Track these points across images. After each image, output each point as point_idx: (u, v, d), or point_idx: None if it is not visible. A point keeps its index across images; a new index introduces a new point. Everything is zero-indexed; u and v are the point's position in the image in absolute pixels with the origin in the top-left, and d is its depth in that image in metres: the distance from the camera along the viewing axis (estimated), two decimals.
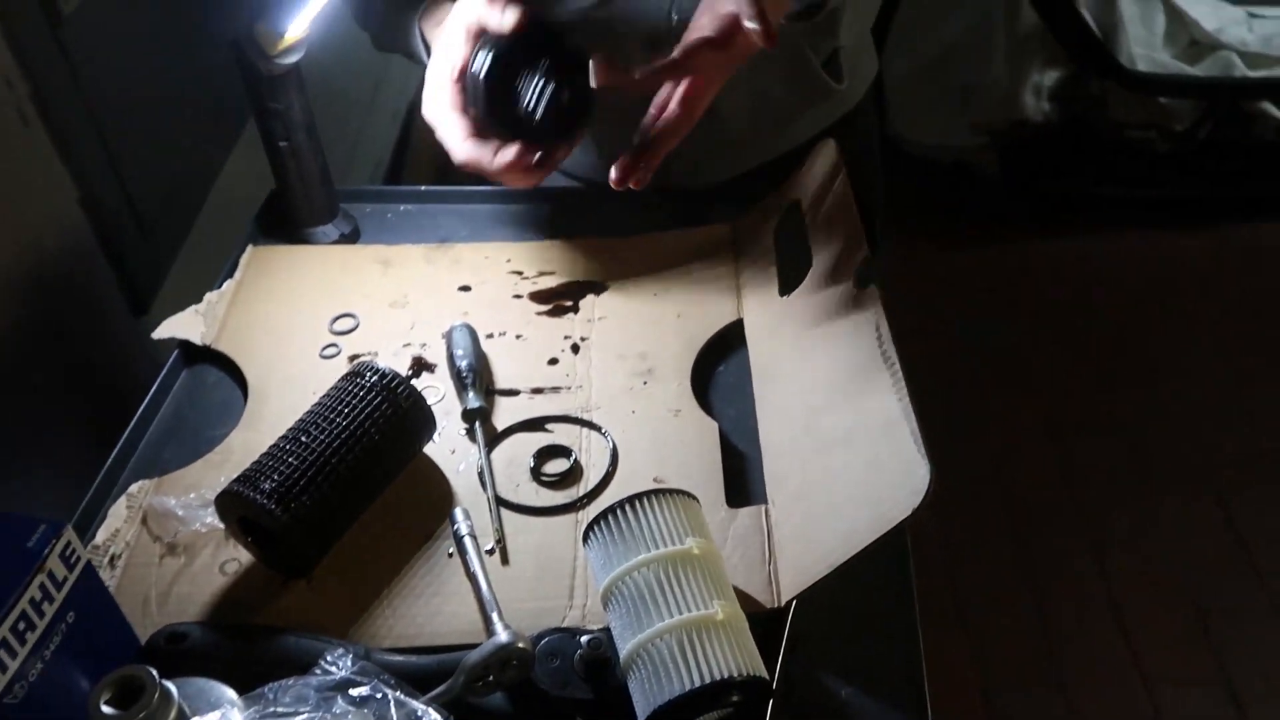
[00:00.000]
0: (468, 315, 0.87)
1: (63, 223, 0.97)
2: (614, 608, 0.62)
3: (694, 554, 0.61)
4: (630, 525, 0.63)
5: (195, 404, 0.83)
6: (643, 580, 0.61)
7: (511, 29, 0.77)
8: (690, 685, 0.56)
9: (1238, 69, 2.50)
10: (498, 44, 0.78)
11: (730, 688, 0.57)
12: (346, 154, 1.86)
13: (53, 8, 0.95)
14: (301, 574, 0.69)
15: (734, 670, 0.57)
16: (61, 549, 0.56)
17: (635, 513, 0.63)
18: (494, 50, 0.77)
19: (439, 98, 0.81)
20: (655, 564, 0.61)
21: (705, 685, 0.56)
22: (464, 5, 0.81)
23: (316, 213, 0.96)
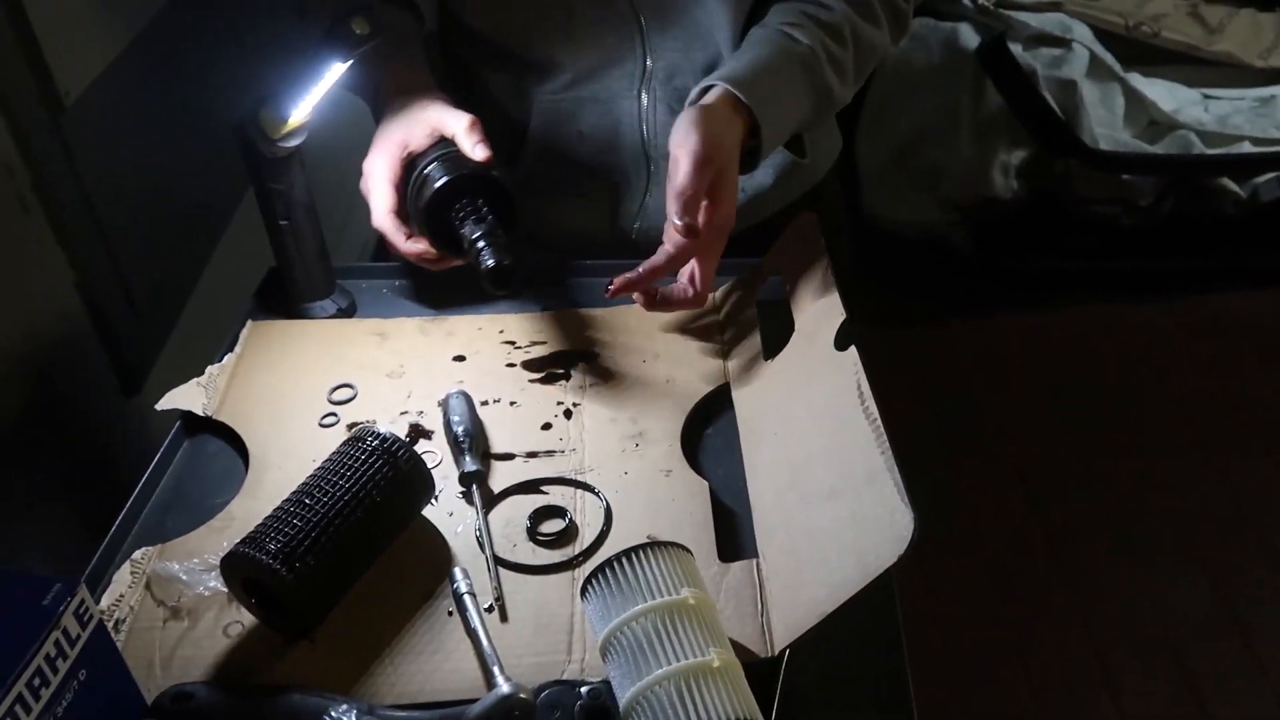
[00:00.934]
0: (463, 384, 0.90)
1: (59, 306, 0.99)
2: (612, 658, 0.64)
3: (689, 604, 0.63)
4: (627, 577, 0.65)
5: (197, 473, 0.85)
6: (640, 630, 0.63)
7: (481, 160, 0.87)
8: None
9: (1195, 147, 2.59)
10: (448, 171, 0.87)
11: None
12: (335, 235, 1.90)
13: (54, 98, 0.98)
14: (304, 634, 0.70)
15: (731, 715, 0.58)
16: (76, 607, 0.57)
17: (631, 565, 0.65)
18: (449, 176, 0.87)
19: (381, 164, 0.90)
20: (652, 614, 0.63)
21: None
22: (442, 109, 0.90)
23: (315, 288, 0.99)
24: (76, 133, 1.01)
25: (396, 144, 0.90)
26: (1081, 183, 2.60)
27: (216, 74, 1.31)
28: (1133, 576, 2.07)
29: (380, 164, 0.90)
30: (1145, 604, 2.01)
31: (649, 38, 0.99)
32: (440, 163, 0.88)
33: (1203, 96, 2.77)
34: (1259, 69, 2.79)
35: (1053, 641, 1.95)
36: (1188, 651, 1.92)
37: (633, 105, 1.02)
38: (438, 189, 0.86)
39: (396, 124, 0.91)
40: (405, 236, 0.90)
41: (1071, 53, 2.70)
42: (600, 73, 1.01)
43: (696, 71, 1.00)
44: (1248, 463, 2.29)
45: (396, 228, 0.90)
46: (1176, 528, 2.16)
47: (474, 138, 0.87)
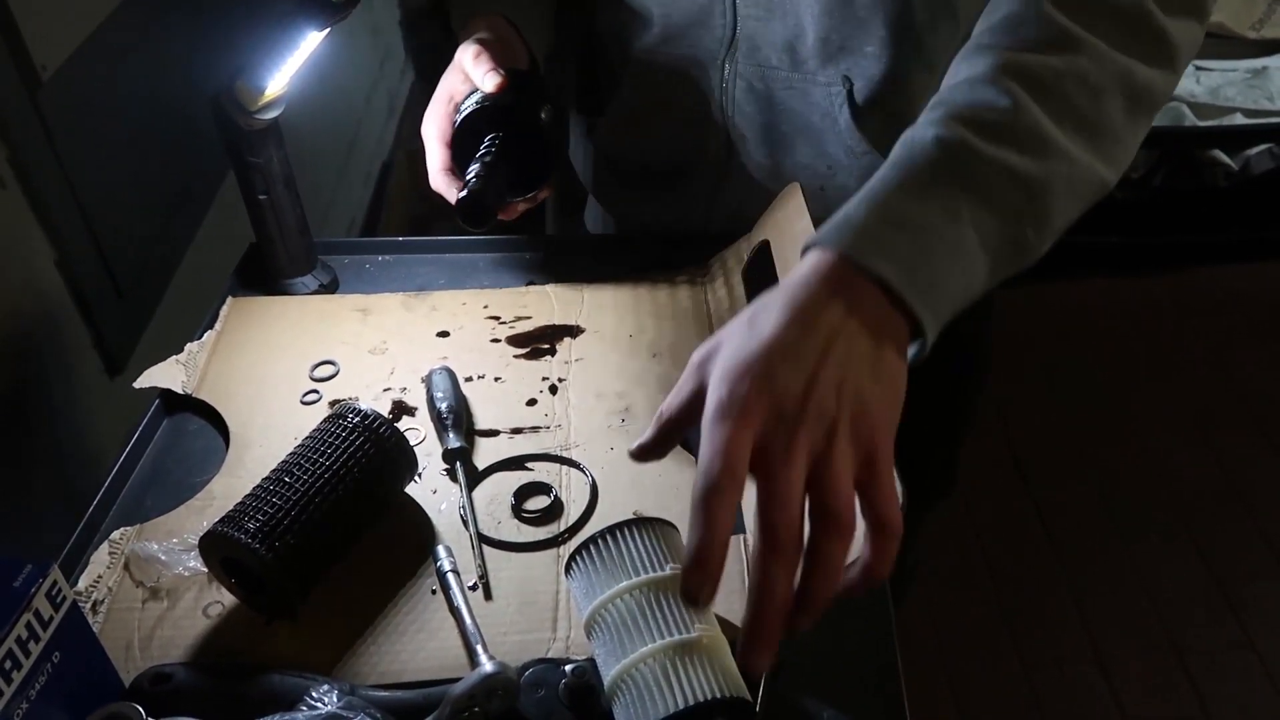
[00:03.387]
0: (446, 360, 0.89)
1: (39, 284, 0.98)
2: (597, 636, 0.63)
3: (674, 580, 0.63)
4: (611, 554, 0.64)
5: (176, 452, 0.84)
6: (625, 607, 0.62)
7: (491, 91, 0.83)
8: (674, 707, 0.57)
9: (1187, 119, 2.58)
10: (479, 100, 0.84)
11: (714, 709, 0.57)
12: (320, 214, 1.88)
13: (31, 73, 0.97)
14: (285, 614, 0.69)
15: (717, 692, 0.58)
16: (48, 588, 0.56)
17: (616, 542, 0.64)
18: (469, 109, 0.84)
19: (435, 122, 0.88)
20: (637, 591, 0.62)
21: (689, 707, 0.57)
22: (468, 45, 0.87)
23: (295, 264, 0.97)
24: (54, 108, 0.99)
25: (444, 98, 0.88)
26: None
27: (198, 46, 1.29)
28: (1125, 554, 2.07)
29: (431, 123, 0.88)
30: (1137, 581, 2.02)
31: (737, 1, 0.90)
32: (465, 104, 0.86)
33: (1194, 68, 2.75)
34: (1251, 40, 2.77)
35: (1045, 619, 1.96)
36: (1180, 629, 1.93)
37: (717, 76, 0.95)
38: (456, 131, 0.85)
39: (444, 79, 0.89)
40: (458, 191, 0.83)
41: None
42: (690, 33, 0.94)
43: (778, 50, 0.91)
44: (1240, 438, 2.29)
45: (448, 185, 0.87)
46: (1168, 504, 2.16)
47: (481, 68, 0.84)
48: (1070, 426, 2.35)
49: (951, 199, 0.58)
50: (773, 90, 0.94)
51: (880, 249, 0.55)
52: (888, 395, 0.53)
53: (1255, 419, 2.33)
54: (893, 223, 0.57)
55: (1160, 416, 2.35)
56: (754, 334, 0.53)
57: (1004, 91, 0.61)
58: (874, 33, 0.88)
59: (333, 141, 1.86)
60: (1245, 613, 1.95)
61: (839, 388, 0.51)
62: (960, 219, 0.58)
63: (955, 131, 0.60)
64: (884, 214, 0.57)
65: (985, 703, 1.83)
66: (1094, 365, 2.50)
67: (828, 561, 0.50)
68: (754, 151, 0.99)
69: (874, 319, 0.54)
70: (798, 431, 0.50)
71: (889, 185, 0.59)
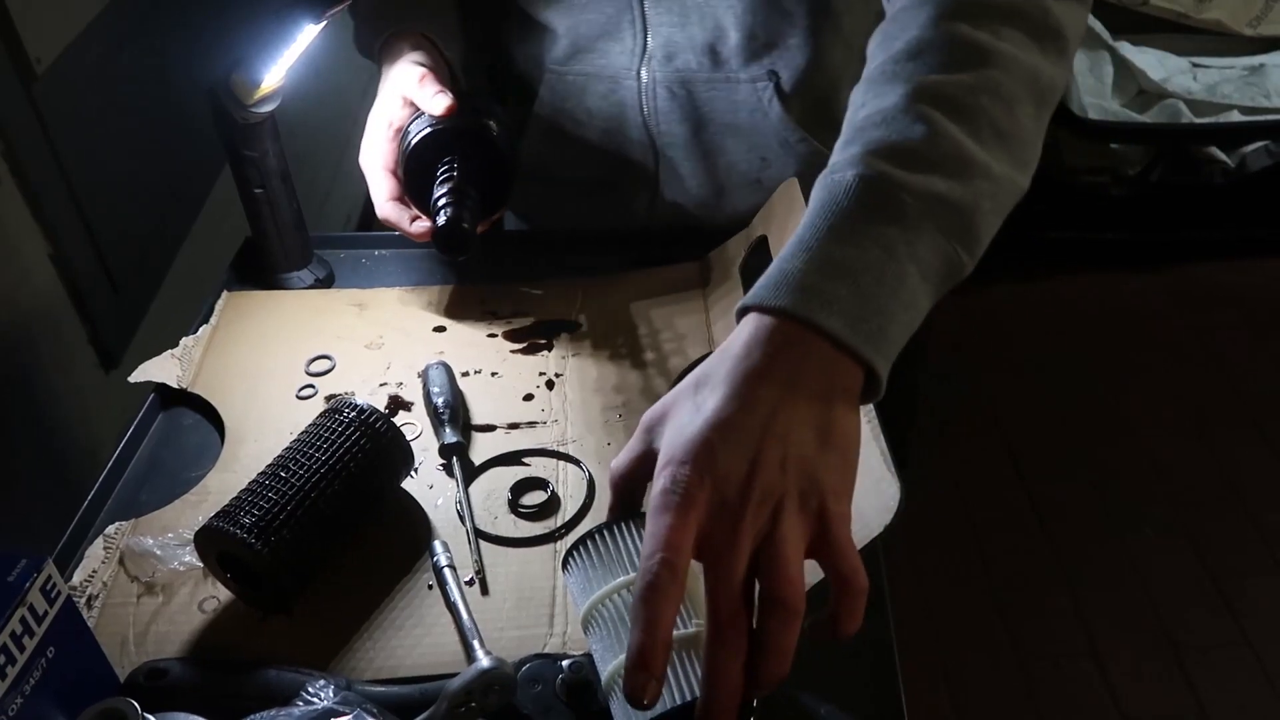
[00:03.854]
0: (443, 355, 0.89)
1: (34, 278, 0.98)
2: (594, 631, 0.62)
3: None
4: (609, 549, 0.63)
5: (171, 446, 0.83)
6: (622, 603, 0.61)
7: (440, 114, 0.82)
8: (673, 702, 0.57)
9: (1184, 116, 2.58)
10: (427, 125, 0.83)
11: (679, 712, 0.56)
12: (316, 208, 1.87)
13: (26, 66, 0.96)
14: (281, 609, 0.69)
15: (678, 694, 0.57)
16: (42, 583, 0.56)
17: (613, 537, 0.64)
18: (421, 133, 0.83)
19: (374, 152, 0.87)
20: (634, 586, 0.61)
21: (687, 702, 0.57)
22: (403, 70, 0.86)
23: (291, 258, 0.97)
24: (49, 101, 0.99)
25: (382, 126, 0.87)
26: (1070, 152, 2.59)
27: (194, 39, 1.28)
28: (1120, 549, 2.07)
29: (370, 153, 0.87)
30: (1132, 577, 2.02)
31: (646, 9, 0.91)
32: (411, 129, 0.85)
33: (1192, 65, 2.75)
34: (1248, 37, 2.77)
35: (1040, 614, 1.96)
36: (1175, 624, 1.93)
37: (634, 86, 0.96)
38: (408, 158, 0.84)
39: (378, 104, 0.88)
40: (410, 219, 0.85)
41: None
42: (601, 45, 0.94)
43: (698, 52, 0.91)
44: (1235, 434, 2.29)
45: (400, 214, 0.86)
46: (1163, 500, 2.16)
47: (428, 90, 0.83)
48: (1065, 422, 2.35)
49: (885, 236, 0.57)
50: (695, 94, 0.94)
51: (824, 302, 0.53)
52: (838, 460, 0.52)
53: (1250, 415, 2.34)
54: (831, 272, 0.55)
55: (1155, 412, 2.36)
56: (698, 412, 0.52)
57: (919, 118, 0.60)
58: (798, 23, 0.89)
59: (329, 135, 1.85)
60: (1240, 608, 1.95)
61: (783, 464, 0.50)
62: (897, 255, 0.57)
63: (876, 168, 0.58)
64: (821, 264, 0.55)
65: (981, 697, 1.83)
66: (1089, 361, 2.50)
67: (776, 644, 0.49)
68: (683, 157, 0.99)
69: (820, 380, 0.53)
70: (741, 517, 0.49)
71: (819, 233, 0.57)
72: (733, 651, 0.49)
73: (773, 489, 0.50)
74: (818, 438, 0.52)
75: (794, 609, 0.49)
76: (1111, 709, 1.80)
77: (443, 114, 0.83)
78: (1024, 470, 2.24)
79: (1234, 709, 1.79)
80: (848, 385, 0.54)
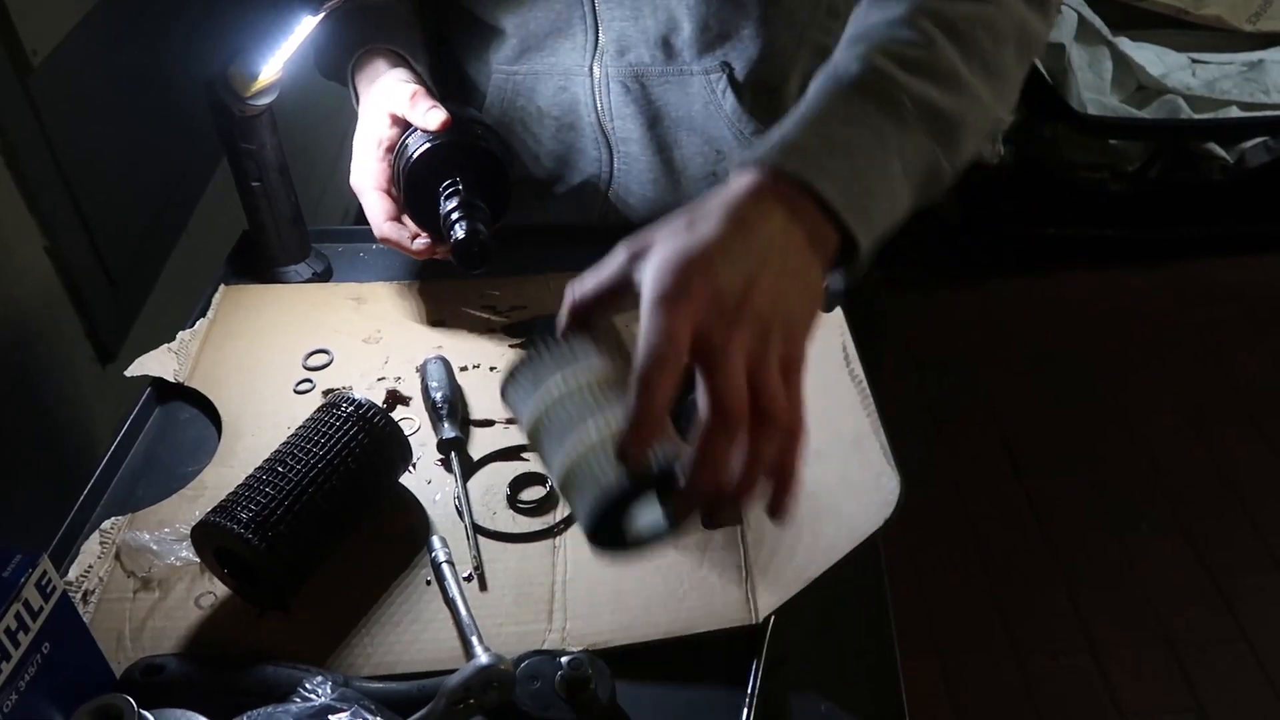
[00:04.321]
0: (441, 349, 0.88)
1: (30, 272, 0.97)
2: (543, 439, 0.59)
3: (613, 371, 0.59)
4: (546, 359, 0.60)
5: (168, 441, 0.83)
6: (560, 414, 0.58)
7: (435, 129, 0.81)
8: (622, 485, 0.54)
9: (1183, 112, 2.58)
10: (422, 142, 0.82)
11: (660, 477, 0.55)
12: (314, 202, 1.87)
13: (21, 59, 0.95)
14: (278, 605, 0.68)
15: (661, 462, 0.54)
16: (38, 579, 0.56)
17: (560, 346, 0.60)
18: (417, 150, 0.81)
19: (365, 172, 0.86)
20: (567, 399, 0.58)
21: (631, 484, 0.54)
22: (389, 87, 0.85)
23: (289, 252, 0.96)
24: (45, 94, 0.98)
25: (370, 145, 0.85)
26: (1069, 148, 2.59)
27: (190, 31, 1.27)
28: (1117, 545, 2.07)
29: (361, 174, 0.86)
30: (1130, 572, 2.02)
31: (596, 4, 0.89)
32: (408, 145, 0.83)
33: (1191, 61, 2.75)
34: (1247, 33, 2.77)
35: (1037, 610, 1.96)
36: (1172, 620, 1.93)
37: (586, 83, 0.94)
38: (407, 177, 0.82)
39: (363, 123, 0.87)
40: (411, 237, 0.85)
41: (1060, 16, 2.68)
42: (550, 43, 0.93)
43: (651, 45, 0.91)
44: (1233, 430, 2.29)
45: (400, 232, 0.85)
46: (1161, 496, 2.16)
47: (422, 107, 0.82)
48: (1063, 418, 2.35)
49: (881, 128, 0.62)
50: (648, 88, 0.93)
51: (820, 169, 0.58)
52: (810, 310, 0.57)
53: (1248, 411, 2.33)
54: (830, 147, 0.59)
55: (1153, 409, 2.35)
56: (695, 234, 0.55)
57: (922, 32, 0.65)
58: (751, 13, 0.89)
59: (327, 129, 1.84)
60: (1237, 603, 1.95)
61: (774, 296, 0.54)
62: (888, 146, 0.62)
63: (881, 64, 0.63)
64: (823, 139, 0.59)
65: (979, 692, 1.83)
66: (1087, 357, 2.50)
67: (781, 464, 0.53)
68: (638, 151, 0.98)
69: (810, 233, 0.57)
70: (737, 325, 0.52)
71: (821, 111, 0.61)
72: (731, 434, 0.52)
73: (763, 313, 0.53)
74: (801, 282, 0.56)
75: (783, 422, 0.53)
76: (1109, 706, 1.80)
77: (438, 129, 0.81)
78: (1022, 467, 2.23)
79: (1231, 705, 1.79)
80: (827, 249, 0.58)
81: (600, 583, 0.70)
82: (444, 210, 0.80)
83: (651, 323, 0.53)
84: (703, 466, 0.52)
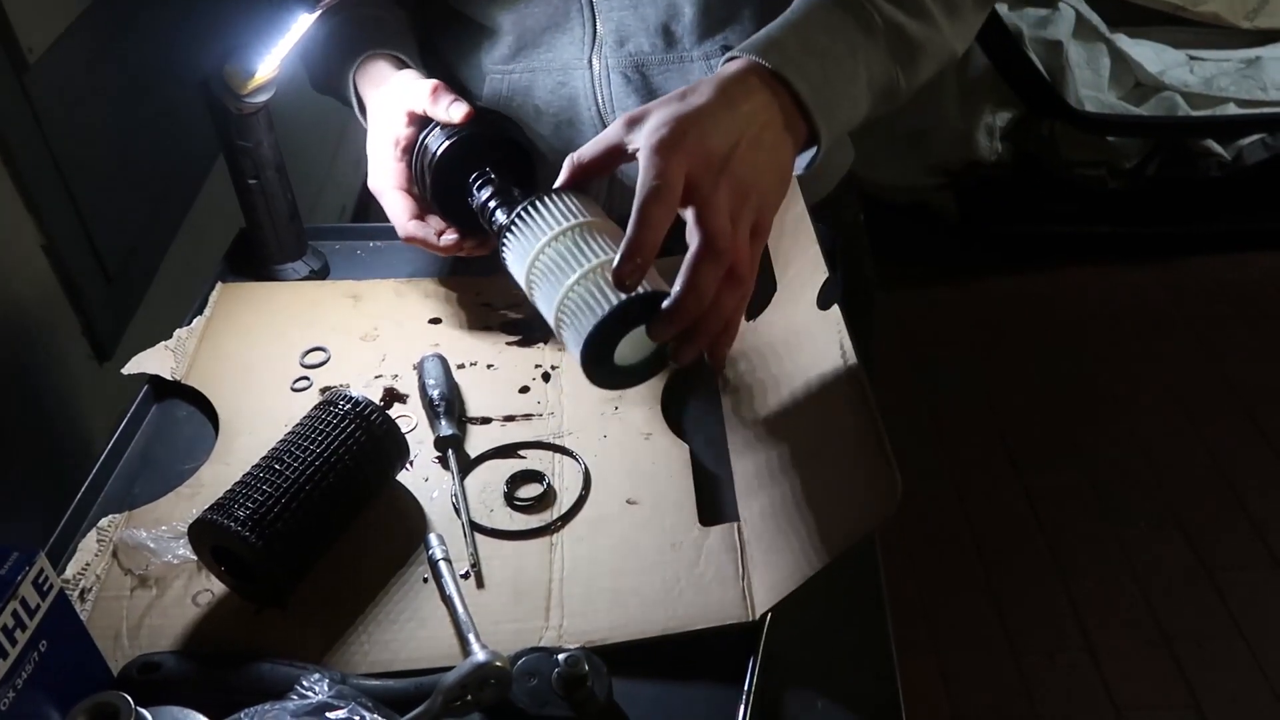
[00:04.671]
0: (438, 347, 0.88)
1: (27, 270, 0.97)
2: (536, 290, 0.69)
3: (593, 222, 0.68)
4: (532, 222, 0.69)
5: (165, 439, 0.83)
6: (553, 252, 0.67)
7: (459, 121, 0.81)
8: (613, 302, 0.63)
9: (1181, 109, 2.58)
10: (447, 135, 0.81)
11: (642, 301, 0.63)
12: (311, 199, 1.87)
13: (18, 55, 0.95)
14: (276, 602, 0.68)
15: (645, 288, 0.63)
16: (35, 576, 0.56)
17: (533, 211, 0.69)
18: (443, 143, 0.81)
19: (384, 172, 0.85)
20: (561, 237, 0.67)
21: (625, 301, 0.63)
22: (404, 85, 0.84)
23: (286, 249, 0.96)
24: (41, 92, 0.98)
25: (387, 146, 0.84)
26: (1067, 145, 2.59)
27: (187, 28, 1.27)
28: (1114, 541, 2.07)
29: (380, 175, 0.84)
30: (1127, 569, 2.02)
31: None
32: (429, 142, 0.82)
33: (1189, 58, 2.75)
34: (1245, 30, 2.78)
35: (1035, 606, 1.96)
36: (1169, 616, 1.93)
37: (585, 76, 0.93)
38: (434, 172, 0.81)
39: (376, 125, 0.86)
40: (438, 234, 0.83)
41: (1058, 13, 2.68)
42: (547, 39, 0.92)
43: (651, 33, 0.90)
44: (1229, 426, 2.30)
45: (425, 230, 0.83)
46: (1158, 492, 2.17)
47: (444, 101, 0.81)
48: (1060, 414, 2.35)
49: (853, 40, 0.73)
50: (649, 77, 0.93)
51: (798, 67, 0.68)
52: (781, 188, 0.67)
53: (1244, 408, 2.34)
54: (809, 50, 0.70)
55: (1150, 405, 2.36)
56: (687, 102, 0.64)
57: None
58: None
59: (324, 126, 1.84)
60: (1233, 600, 1.96)
61: (752, 164, 0.64)
62: (857, 57, 0.73)
63: None
64: (802, 42, 0.70)
65: (976, 689, 1.83)
66: (1084, 353, 2.50)
67: (724, 305, 0.63)
68: None
69: (786, 118, 0.68)
70: (723, 179, 0.63)
71: (803, 17, 0.72)
72: (717, 266, 0.62)
73: (744, 178, 0.63)
74: (776, 158, 0.66)
75: (748, 281, 0.64)
76: (1105, 701, 1.80)
77: (463, 121, 0.80)
78: (1019, 463, 2.24)
79: (1227, 700, 1.80)
80: (797, 138, 0.69)
81: (597, 580, 0.70)
82: (480, 200, 0.79)
83: (650, 165, 0.61)
84: (690, 289, 0.61)
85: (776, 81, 0.68)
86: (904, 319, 2.57)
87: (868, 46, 0.74)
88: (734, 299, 0.64)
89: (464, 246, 0.84)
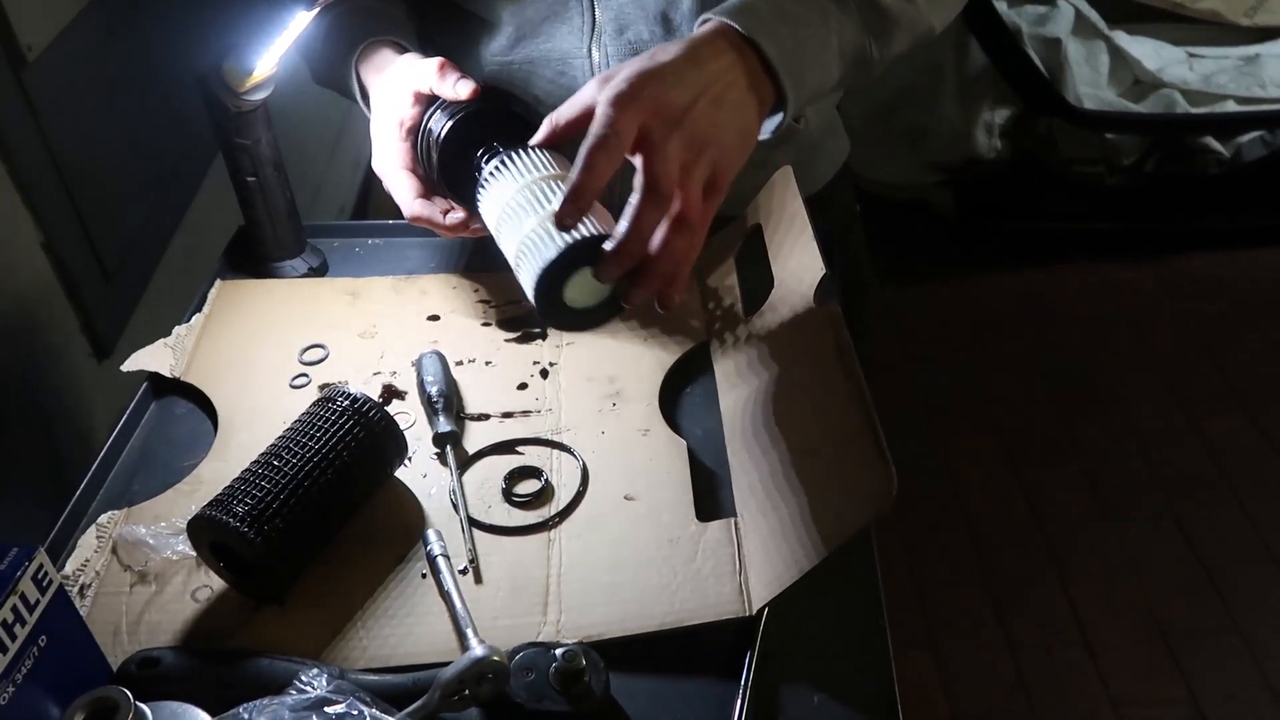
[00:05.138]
0: (437, 344, 0.88)
1: (26, 268, 0.97)
2: (502, 235, 0.72)
3: (560, 174, 0.72)
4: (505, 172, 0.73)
5: (164, 435, 0.83)
6: (519, 199, 0.71)
7: (466, 98, 0.80)
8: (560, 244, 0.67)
9: (1180, 106, 2.58)
10: (453, 112, 0.81)
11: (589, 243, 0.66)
12: (310, 197, 1.87)
13: (16, 53, 0.95)
14: (274, 598, 0.69)
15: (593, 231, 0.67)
16: (34, 572, 0.56)
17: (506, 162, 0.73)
18: (450, 120, 0.81)
19: (389, 153, 0.84)
20: (529, 186, 0.71)
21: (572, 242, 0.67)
22: (409, 66, 0.84)
23: (284, 247, 0.96)
24: (40, 89, 0.98)
25: (391, 127, 0.83)
26: (1065, 142, 2.59)
27: (186, 26, 1.27)
28: (1112, 538, 2.08)
29: (385, 156, 0.84)
30: (1124, 565, 2.02)
31: None
32: (435, 120, 0.82)
33: (1187, 55, 2.75)
34: (1244, 27, 2.78)
35: (1032, 602, 1.97)
36: (1166, 612, 1.94)
37: (585, 65, 0.93)
38: (441, 149, 0.80)
39: (380, 107, 0.85)
40: (443, 213, 0.82)
41: (1056, 10, 2.68)
42: (546, 29, 0.92)
43: (650, 20, 0.90)
44: (1227, 423, 2.30)
45: (431, 210, 0.83)
46: (1155, 489, 2.17)
47: (451, 79, 0.80)
48: (1057, 411, 2.35)
49: (826, 9, 0.75)
50: None
51: (769, 32, 0.70)
52: (742, 148, 0.69)
53: (1242, 405, 2.34)
54: (781, 16, 0.71)
55: (1148, 401, 2.36)
56: (653, 59, 0.66)
57: None
58: None
59: (323, 124, 1.84)
60: (1229, 595, 1.96)
61: (712, 119, 0.66)
62: (829, 25, 0.75)
63: None
64: (775, 8, 0.72)
65: (972, 683, 1.84)
66: (1082, 350, 2.50)
67: (671, 249, 0.66)
68: None
69: (752, 80, 0.69)
70: (676, 130, 0.65)
71: None
72: (658, 208, 0.64)
73: (700, 132, 0.66)
74: (737, 115, 0.68)
75: (698, 230, 0.67)
76: (1103, 697, 1.81)
77: (470, 97, 0.80)
78: (1016, 459, 2.24)
79: (1223, 695, 1.80)
80: (763, 101, 0.71)
81: (594, 576, 0.70)
82: (487, 171, 0.78)
83: (602, 115, 0.64)
84: (632, 230, 0.64)
85: (746, 45, 0.70)
86: (902, 315, 2.57)
87: (840, 16, 0.76)
88: (683, 244, 0.66)
89: (470, 225, 0.82)
